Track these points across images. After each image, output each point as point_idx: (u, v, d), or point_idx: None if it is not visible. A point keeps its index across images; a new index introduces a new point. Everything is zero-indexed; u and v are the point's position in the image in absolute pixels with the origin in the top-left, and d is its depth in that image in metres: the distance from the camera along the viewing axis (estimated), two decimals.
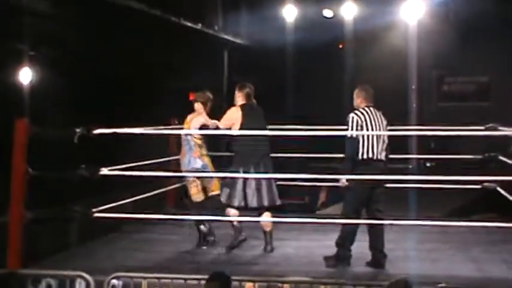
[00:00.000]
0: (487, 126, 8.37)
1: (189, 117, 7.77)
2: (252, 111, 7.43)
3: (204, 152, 7.70)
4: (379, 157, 6.61)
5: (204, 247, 7.53)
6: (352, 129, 6.59)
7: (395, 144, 9.40)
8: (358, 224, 6.63)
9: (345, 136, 6.65)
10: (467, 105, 13.45)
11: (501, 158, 8.63)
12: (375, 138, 6.60)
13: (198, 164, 7.62)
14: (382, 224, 6.60)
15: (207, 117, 7.59)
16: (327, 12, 12.74)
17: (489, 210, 9.13)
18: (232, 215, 7.30)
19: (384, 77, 12.50)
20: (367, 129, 6.59)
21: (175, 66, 10.38)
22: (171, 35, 10.15)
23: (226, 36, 11.92)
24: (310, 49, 12.34)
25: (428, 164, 11.39)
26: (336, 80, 12.42)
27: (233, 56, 12.33)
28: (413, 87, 12.47)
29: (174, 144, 9.08)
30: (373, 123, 6.65)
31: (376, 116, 6.71)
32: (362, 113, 6.67)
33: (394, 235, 7.47)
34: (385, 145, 6.69)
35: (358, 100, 6.82)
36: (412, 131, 9.20)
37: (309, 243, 7.61)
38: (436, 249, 7.30)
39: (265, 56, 12.48)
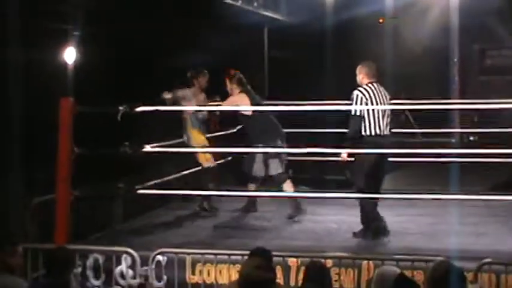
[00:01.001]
0: None
1: None
2: (253, 94, 7.81)
3: (189, 125, 7.86)
4: (385, 132, 6.68)
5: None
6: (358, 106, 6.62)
7: (438, 118, 9.34)
8: (375, 199, 6.64)
9: (349, 113, 6.67)
10: (509, 78, 13.22)
11: None
12: (380, 114, 6.64)
13: (184, 137, 7.81)
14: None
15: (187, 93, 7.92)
16: None
17: None
18: (288, 187, 7.62)
19: (425, 51, 12.39)
20: (372, 105, 6.61)
21: (214, 43, 10.38)
22: (210, 12, 10.14)
23: (266, 13, 11.86)
24: (350, 24, 12.24)
25: (471, 138, 11.25)
26: (376, 55, 12.28)
27: (273, 32, 12.29)
28: (455, 60, 12.28)
29: (216, 121, 9.15)
30: (377, 99, 6.66)
31: (380, 91, 6.74)
32: (366, 90, 6.68)
33: (437, 209, 7.45)
34: (389, 119, 6.74)
35: (360, 76, 6.83)
36: (451, 104, 9.10)
37: (351, 219, 7.58)
38: (481, 223, 7.24)
39: (304, 32, 12.40)
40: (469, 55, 13.27)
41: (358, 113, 6.63)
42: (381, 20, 13.05)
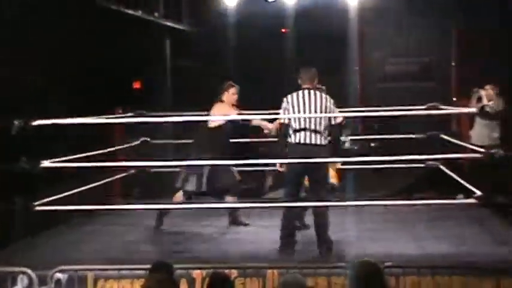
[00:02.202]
0: (429, 105, 8.53)
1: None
2: None
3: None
4: (307, 141, 6.42)
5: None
6: (280, 114, 6.53)
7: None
8: (295, 208, 6.55)
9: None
10: (410, 85, 13.60)
11: (443, 136, 8.81)
12: (301, 120, 6.41)
13: None
14: (325, 207, 6.49)
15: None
16: None
17: (432, 188, 9.32)
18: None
19: (325, 59, 12.57)
20: (294, 112, 6.43)
21: (117, 54, 10.24)
22: (110, 22, 9.99)
23: (167, 23, 11.80)
24: (253, 33, 12.31)
25: (372, 145, 11.50)
26: (279, 64, 12.46)
27: (175, 42, 12.22)
28: (356, 68, 12.56)
29: (121, 132, 9.04)
30: (302, 106, 6.45)
31: (310, 98, 6.49)
32: (292, 96, 6.52)
33: (337, 217, 7.56)
34: (321, 128, 6.46)
35: (298, 82, 6.71)
36: (354, 112, 9.28)
37: (257, 229, 7.64)
38: (380, 228, 7.40)
39: (208, 42, 12.42)
40: (370, 63, 13.56)
41: (282, 120, 6.55)
42: (283, 30, 13.19)
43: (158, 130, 9.64)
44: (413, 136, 9.10)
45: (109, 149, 8.34)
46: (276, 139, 6.88)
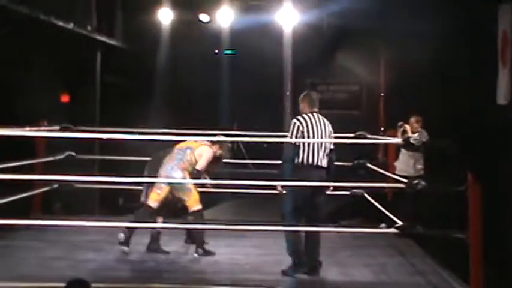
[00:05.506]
0: (357, 133, 8.64)
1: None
2: None
3: (191, 169, 7.40)
4: (319, 163, 6.52)
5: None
6: (292, 135, 6.52)
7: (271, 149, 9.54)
8: (297, 231, 6.51)
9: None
10: (338, 113, 13.76)
11: (369, 165, 8.91)
12: (315, 144, 6.50)
13: (179, 174, 7.32)
14: (316, 232, 6.53)
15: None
16: (204, 17, 12.75)
17: (357, 215, 9.41)
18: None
19: (259, 83, 12.68)
20: (308, 136, 6.49)
21: (45, 66, 10.04)
22: (40, 33, 9.80)
23: (99, 37, 11.66)
24: (187, 53, 12.30)
25: None
26: (212, 84, 12.47)
27: (107, 57, 12.06)
28: (287, 93, 12.66)
29: (43, 146, 8.83)
30: (315, 130, 6.54)
31: (319, 121, 6.61)
32: (304, 119, 6.58)
33: (262, 241, 7.58)
34: (327, 151, 6.59)
35: (301, 105, 6.78)
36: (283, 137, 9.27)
37: (178, 249, 7.54)
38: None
39: (141, 59, 12.33)
40: (301, 89, 13.68)
41: (293, 142, 6.51)
42: (216, 51, 13.23)
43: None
44: (340, 163, 9.18)
45: (26, 162, 8.05)
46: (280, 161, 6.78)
